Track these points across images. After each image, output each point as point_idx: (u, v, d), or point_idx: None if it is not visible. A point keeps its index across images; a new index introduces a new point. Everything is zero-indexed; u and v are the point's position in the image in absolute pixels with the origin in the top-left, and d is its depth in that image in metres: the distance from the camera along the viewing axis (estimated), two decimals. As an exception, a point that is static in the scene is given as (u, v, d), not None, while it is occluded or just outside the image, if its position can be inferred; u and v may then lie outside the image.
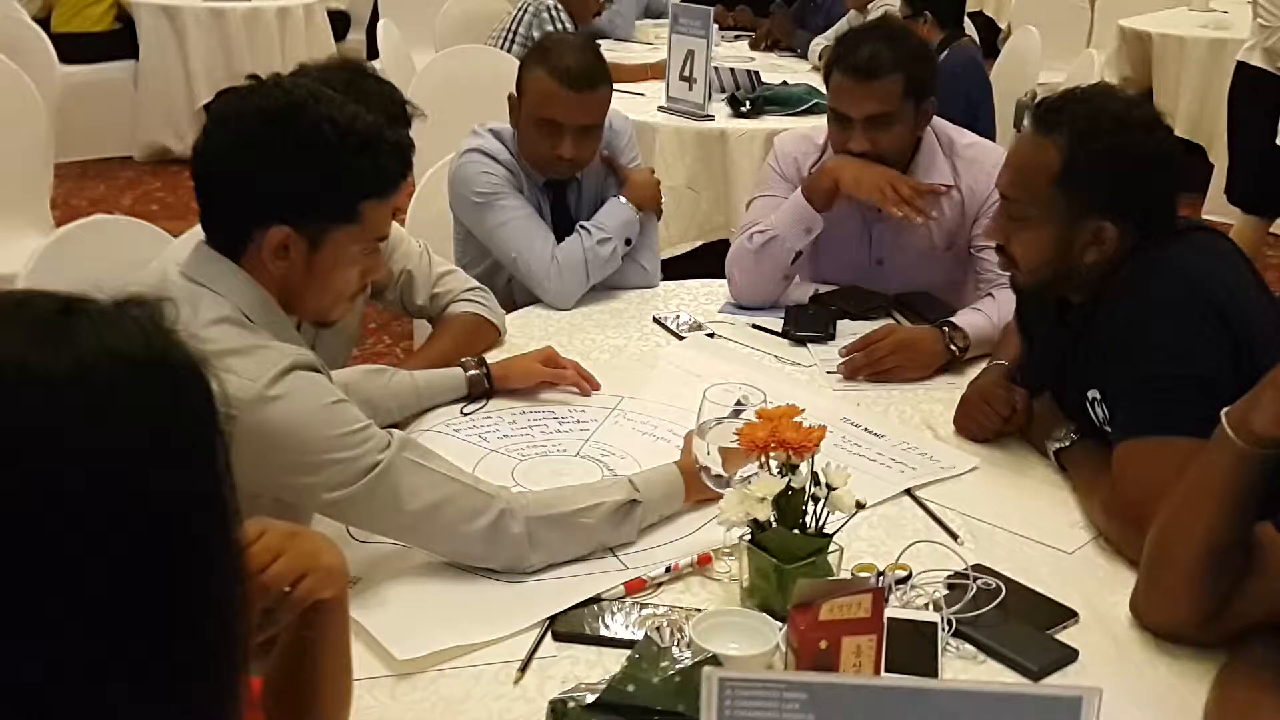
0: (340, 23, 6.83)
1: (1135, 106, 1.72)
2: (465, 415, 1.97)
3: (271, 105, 1.47)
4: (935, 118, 2.40)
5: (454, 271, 2.28)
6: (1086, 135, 1.66)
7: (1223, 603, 1.35)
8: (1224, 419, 1.33)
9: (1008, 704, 0.85)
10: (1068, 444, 1.77)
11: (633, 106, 3.86)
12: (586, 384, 2.05)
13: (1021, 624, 1.43)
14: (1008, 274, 1.84)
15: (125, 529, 0.76)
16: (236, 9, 6.02)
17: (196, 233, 1.97)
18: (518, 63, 2.56)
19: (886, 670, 1.30)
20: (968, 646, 1.40)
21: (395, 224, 2.18)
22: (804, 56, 5.07)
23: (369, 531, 1.54)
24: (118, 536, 0.76)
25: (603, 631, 1.43)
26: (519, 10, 4.82)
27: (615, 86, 2.51)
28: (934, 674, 1.34)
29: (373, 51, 5.82)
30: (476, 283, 2.27)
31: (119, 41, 6.06)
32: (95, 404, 0.76)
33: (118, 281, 0.85)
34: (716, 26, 4.07)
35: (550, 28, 4.66)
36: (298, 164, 1.45)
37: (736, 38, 5.59)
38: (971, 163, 2.37)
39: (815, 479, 1.44)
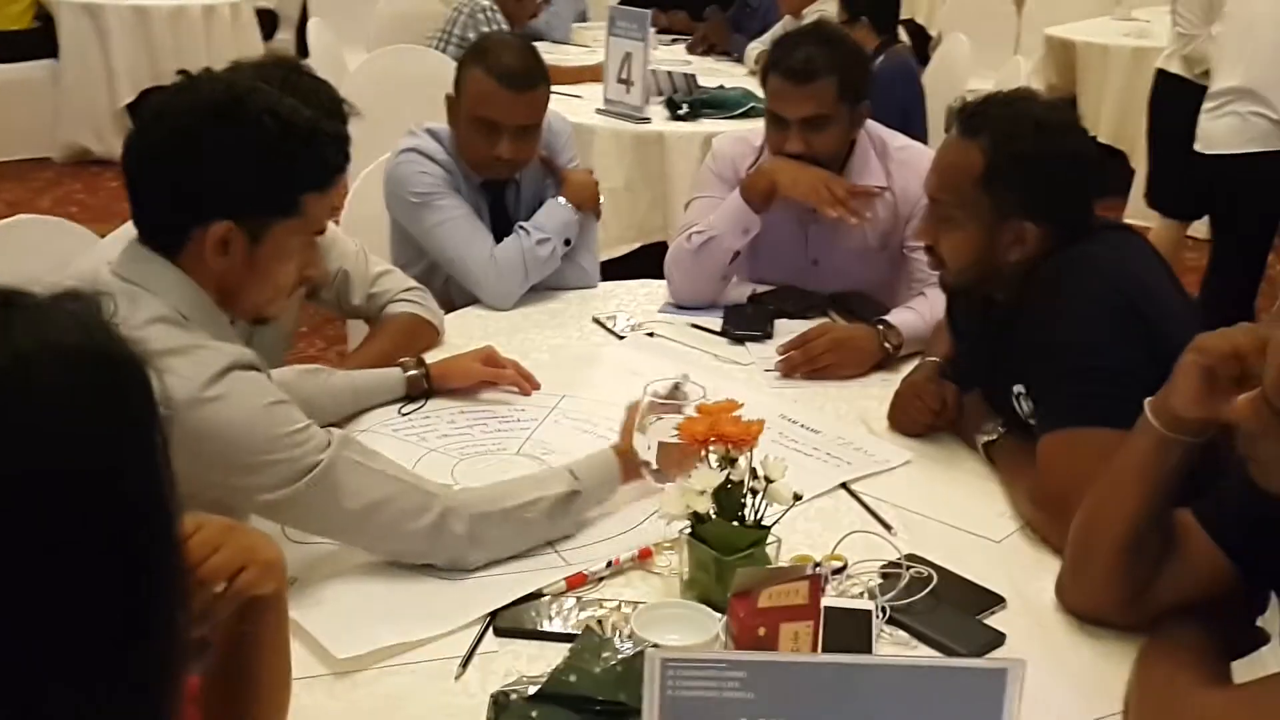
0: (268, 21, 6.76)
1: (1054, 110, 1.78)
2: (404, 415, 1.98)
3: (212, 99, 1.45)
4: (869, 121, 2.44)
5: (391, 271, 2.28)
6: (1008, 138, 1.71)
7: (1143, 586, 1.39)
8: (1146, 407, 1.38)
9: (938, 677, 0.89)
10: (995, 437, 1.82)
11: (571, 108, 3.86)
12: (526, 383, 2.06)
13: (952, 610, 1.47)
14: (938, 273, 1.88)
15: (63, 524, 0.76)
16: (160, 7, 5.92)
17: (124, 232, 1.95)
18: (452, 63, 2.56)
19: (823, 657, 1.33)
20: (901, 633, 1.44)
21: (331, 224, 2.17)
22: (740, 61, 5.13)
23: (308, 532, 1.54)
24: (55, 532, 0.76)
25: (544, 626, 1.45)
26: (454, 12, 4.82)
27: (553, 88, 2.52)
28: (869, 660, 1.37)
29: (302, 51, 5.77)
30: (415, 283, 2.27)
31: (39, 40, 5.94)
32: (33, 398, 0.76)
33: (44, 281, 0.85)
34: (653, 30, 4.10)
35: (486, 29, 4.67)
36: (241, 157, 1.44)
37: (673, 41, 5.64)
38: (904, 165, 2.42)
39: (754, 472, 1.47)
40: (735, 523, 1.46)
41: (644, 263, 3.42)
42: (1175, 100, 4.02)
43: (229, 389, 1.40)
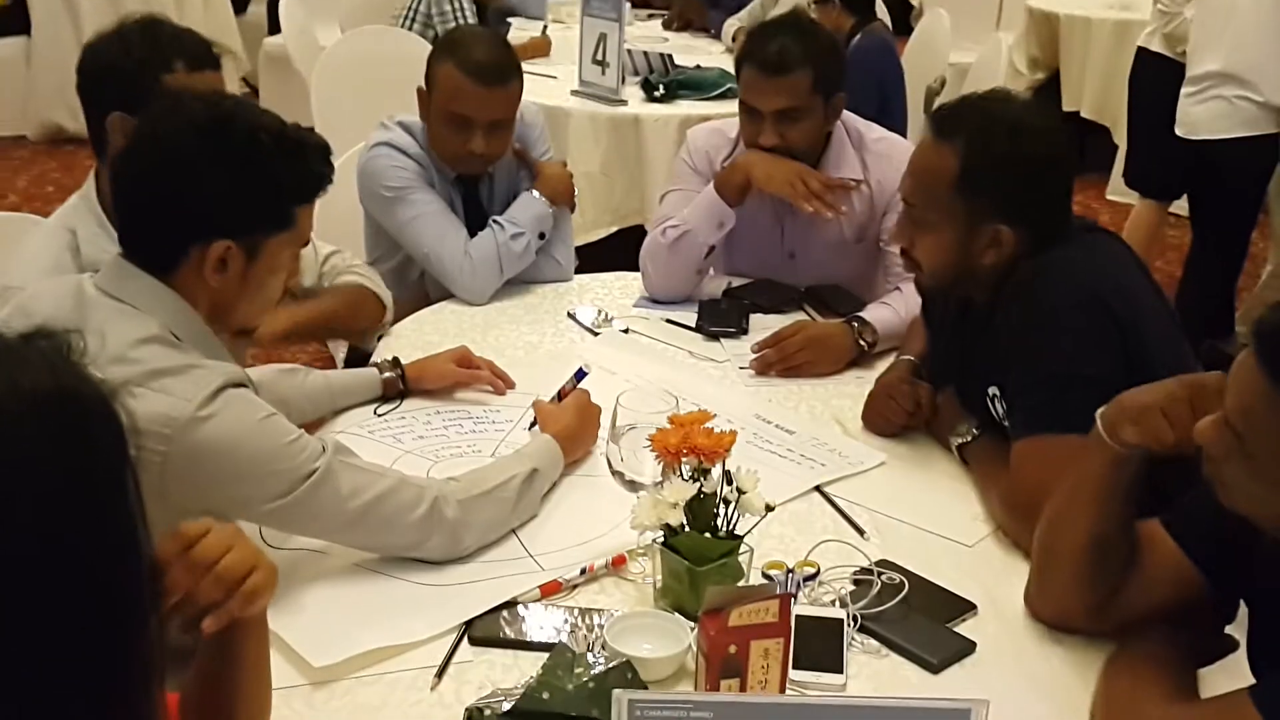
0: (240, -4, 6.69)
1: (1029, 112, 1.77)
2: (379, 416, 1.97)
3: (201, 120, 1.46)
4: (845, 112, 2.43)
5: (341, 252, 2.28)
6: (982, 141, 1.71)
7: (1108, 595, 1.41)
8: (1099, 421, 1.38)
9: (903, 716, 0.89)
10: (969, 439, 1.82)
11: (545, 90, 3.85)
12: (501, 383, 2.06)
13: (923, 618, 1.48)
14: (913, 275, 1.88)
15: (35, 562, 0.78)
16: (133, -18, 5.87)
17: (66, 214, 1.92)
18: (425, 44, 2.52)
19: (794, 666, 1.34)
20: (872, 641, 1.45)
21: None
22: (717, 37, 5.09)
23: (308, 535, 1.55)
24: (26, 569, 0.78)
25: (519, 635, 1.45)
26: (420, -11, 4.77)
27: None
28: (839, 669, 1.38)
29: (274, 26, 5.71)
30: (362, 261, 2.27)
31: (10, 18, 5.88)
32: (4, 442, 0.78)
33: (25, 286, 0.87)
34: (629, 5, 4.06)
35: (448, 6, 4.62)
36: (240, 175, 1.45)
37: (649, 16, 5.59)
38: (880, 157, 2.42)
39: (728, 478, 1.47)
40: (708, 534, 1.47)
41: (621, 246, 3.41)
42: (1156, 79, 4.00)
43: (224, 406, 1.42)
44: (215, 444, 1.40)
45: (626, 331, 2.34)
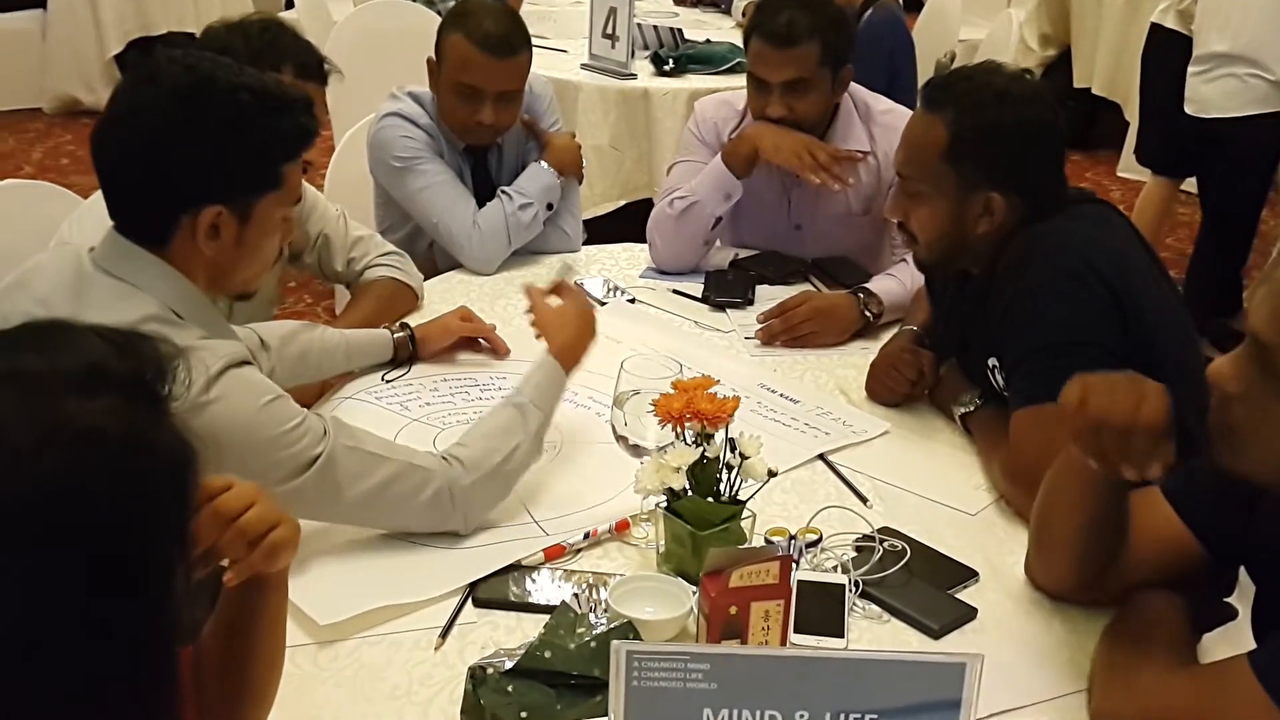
0: (257, -30, 6.67)
1: (1017, 81, 1.77)
2: (387, 382, 1.99)
3: (180, 86, 1.41)
4: (853, 84, 2.43)
5: (370, 236, 2.28)
6: (970, 110, 1.72)
7: (1104, 566, 1.41)
8: None
9: (898, 669, 0.90)
10: (972, 409, 1.83)
11: (555, 64, 3.85)
12: (502, 341, 2.08)
13: (924, 584, 1.49)
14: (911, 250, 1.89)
15: (79, 594, 0.81)
16: (147, -44, 5.87)
17: (94, 208, 1.94)
18: (436, 17, 2.52)
19: (796, 630, 1.36)
20: (873, 607, 1.46)
21: (312, 187, 2.17)
22: (728, 12, 5.07)
23: (309, 518, 1.52)
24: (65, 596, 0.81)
25: (523, 597, 1.47)
26: (432, -40, 4.75)
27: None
28: (840, 634, 1.39)
29: (287, 1, 5.70)
30: (392, 247, 2.28)
31: (26, -9, 5.89)
32: (63, 488, 0.81)
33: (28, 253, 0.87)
34: (640, -20, 4.04)
35: None
36: (222, 139, 1.41)
37: (661, -9, 5.57)
38: (888, 129, 2.41)
39: (731, 445, 1.48)
40: (710, 499, 1.48)
41: (628, 220, 3.42)
42: (1170, 56, 3.96)
43: (225, 391, 1.38)
44: (216, 430, 1.35)
45: (633, 302, 2.35)
